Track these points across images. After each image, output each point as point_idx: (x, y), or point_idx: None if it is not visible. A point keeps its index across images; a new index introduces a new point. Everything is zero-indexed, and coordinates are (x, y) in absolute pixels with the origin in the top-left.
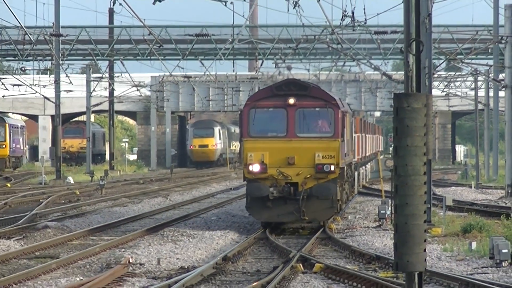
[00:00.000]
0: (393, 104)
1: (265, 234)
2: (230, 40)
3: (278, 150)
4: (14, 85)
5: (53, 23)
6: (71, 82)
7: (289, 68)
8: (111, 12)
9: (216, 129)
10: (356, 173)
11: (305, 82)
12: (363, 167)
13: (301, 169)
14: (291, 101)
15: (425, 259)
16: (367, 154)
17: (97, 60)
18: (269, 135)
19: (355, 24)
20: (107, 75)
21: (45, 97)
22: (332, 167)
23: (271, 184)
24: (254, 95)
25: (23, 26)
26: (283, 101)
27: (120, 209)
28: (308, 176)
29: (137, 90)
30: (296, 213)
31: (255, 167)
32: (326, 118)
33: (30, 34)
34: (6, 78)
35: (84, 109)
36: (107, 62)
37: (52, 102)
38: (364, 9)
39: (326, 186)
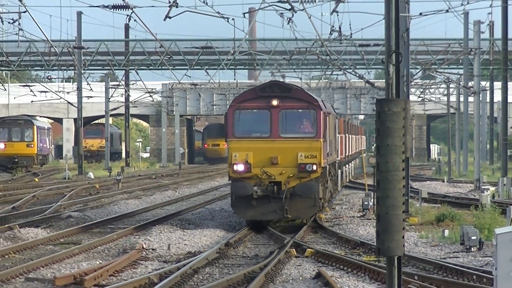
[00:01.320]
0: (375, 108)
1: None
2: (232, 52)
3: (262, 150)
4: (41, 91)
5: (75, 37)
6: (91, 89)
7: (283, 77)
8: (127, 27)
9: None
10: (339, 171)
11: (288, 84)
12: (347, 165)
13: (284, 168)
14: (275, 102)
15: (404, 245)
16: (351, 153)
17: (115, 69)
18: (253, 135)
19: (342, 37)
20: (123, 83)
21: (69, 102)
22: (314, 167)
23: (255, 183)
24: (239, 96)
25: (49, 39)
26: (267, 103)
27: (135, 201)
28: (291, 175)
29: (150, 96)
30: (280, 211)
31: (240, 167)
32: (308, 119)
33: (55, 47)
34: (34, 85)
35: (103, 113)
36: (123, 71)
37: (75, 106)
38: (349, 24)
39: (308, 185)
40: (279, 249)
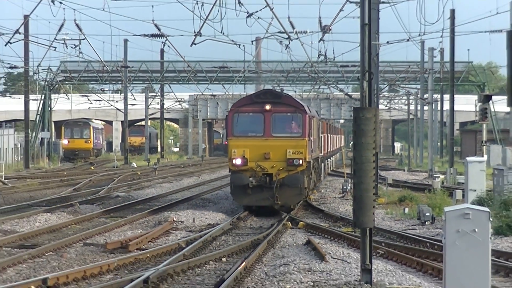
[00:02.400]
0: (352, 115)
1: None
2: (242, 71)
3: (257, 147)
4: (96, 100)
5: (123, 59)
6: (134, 99)
7: (282, 90)
8: (162, 51)
9: None
10: (322, 164)
11: (279, 92)
12: (329, 159)
13: (275, 162)
14: (267, 107)
15: (374, 219)
16: (332, 149)
17: (152, 84)
18: (249, 135)
19: (327, 60)
20: (159, 94)
21: (117, 109)
22: (301, 161)
23: (251, 174)
24: (237, 102)
25: (102, 60)
26: (261, 107)
27: (168, 184)
28: (281, 168)
29: (179, 104)
30: (271, 198)
31: (238, 161)
32: (296, 121)
33: (107, 66)
34: (90, 95)
35: (143, 117)
36: (159, 85)
37: (122, 112)
38: (333, 50)
39: (295, 177)
40: (278, 222)
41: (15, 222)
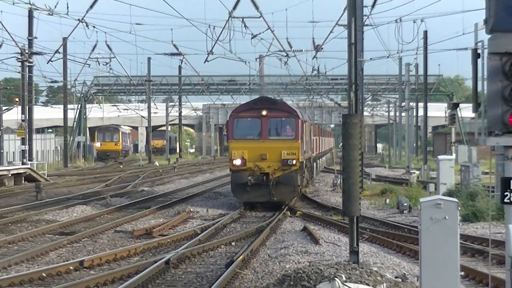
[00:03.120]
0: (341, 120)
1: None
2: (248, 83)
3: (254, 149)
4: (124, 109)
5: (146, 74)
6: (156, 107)
7: (281, 100)
8: (180, 67)
9: None
10: (314, 163)
11: (274, 99)
12: (320, 159)
13: (271, 163)
14: (264, 112)
15: (360, 209)
16: (324, 150)
17: (172, 95)
18: (248, 137)
19: (319, 74)
20: (177, 103)
21: (142, 116)
22: (294, 161)
23: (249, 174)
24: (237, 108)
25: (129, 75)
26: (258, 113)
27: (185, 180)
28: (277, 168)
29: (195, 112)
30: (268, 195)
31: (237, 161)
32: (289, 125)
33: (134, 80)
34: (119, 105)
35: (164, 123)
36: (178, 96)
37: (146, 119)
38: (325, 65)
39: (289, 176)
40: (279, 212)
41: (56, 213)
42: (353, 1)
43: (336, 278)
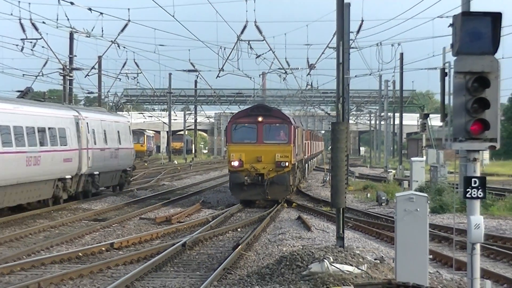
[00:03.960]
0: (331, 127)
1: None
2: (252, 96)
3: (251, 152)
4: (148, 116)
5: (167, 87)
6: (176, 115)
7: (276, 108)
8: (196, 82)
9: None
10: (306, 164)
11: (270, 107)
12: (312, 160)
13: (266, 164)
14: (260, 119)
15: (345, 202)
16: (315, 152)
17: (188, 104)
18: (245, 141)
19: (313, 88)
20: (193, 112)
21: (164, 122)
22: (287, 163)
23: (246, 174)
24: (235, 115)
25: (153, 88)
26: (254, 119)
27: (199, 176)
28: (271, 169)
29: (208, 119)
30: (263, 194)
31: (235, 163)
32: (283, 130)
33: (157, 92)
34: (145, 113)
35: (182, 128)
36: (194, 106)
37: (166, 124)
38: (317, 81)
39: (282, 176)
40: (277, 204)
41: (91, 203)
42: (341, 27)
43: (325, 259)
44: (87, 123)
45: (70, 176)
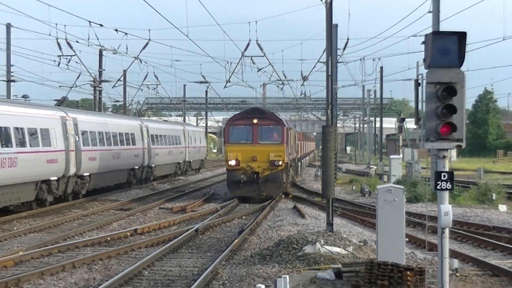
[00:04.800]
0: (322, 129)
1: None
2: (255, 103)
3: (247, 151)
4: (164, 120)
5: (182, 96)
6: (189, 120)
7: (270, 111)
8: (206, 92)
9: None
10: (299, 163)
11: (264, 110)
12: (304, 158)
13: (261, 163)
14: (255, 121)
15: (334, 193)
16: (307, 151)
17: (200, 111)
18: (241, 142)
19: (306, 97)
20: (204, 117)
21: None
22: (280, 162)
23: (242, 172)
24: (232, 117)
25: (170, 97)
26: (250, 121)
27: (209, 172)
28: (265, 168)
29: (217, 123)
30: (258, 191)
31: (232, 162)
32: (276, 132)
33: (173, 100)
34: (163, 118)
35: None
36: (205, 112)
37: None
38: (309, 90)
39: (276, 174)
40: (275, 196)
41: (118, 195)
42: (330, 45)
43: (316, 242)
44: (75, 124)
45: (55, 178)
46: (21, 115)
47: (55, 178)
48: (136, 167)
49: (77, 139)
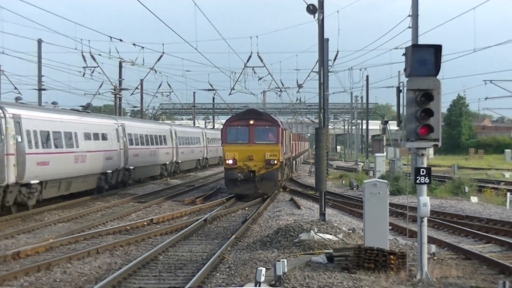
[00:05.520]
0: (315, 131)
1: None
2: (257, 108)
3: (243, 151)
4: (178, 124)
5: (192, 102)
6: (199, 123)
7: (265, 112)
8: (213, 98)
9: None
10: (294, 161)
11: (260, 111)
12: (299, 157)
13: (257, 162)
14: (251, 122)
15: (326, 187)
16: (302, 150)
17: (208, 115)
18: (238, 142)
19: (301, 102)
20: (212, 120)
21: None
22: (275, 161)
23: (239, 171)
24: (229, 118)
25: (181, 103)
26: (247, 122)
27: (216, 168)
28: (261, 167)
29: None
30: (254, 188)
31: (230, 161)
32: (272, 132)
33: (184, 106)
34: (175, 121)
35: None
36: (212, 116)
37: None
38: (304, 97)
39: (272, 173)
40: (274, 190)
41: (136, 189)
42: (322, 57)
43: (311, 230)
44: (123, 128)
45: (111, 171)
46: (91, 124)
47: (111, 171)
48: (167, 163)
49: (125, 140)
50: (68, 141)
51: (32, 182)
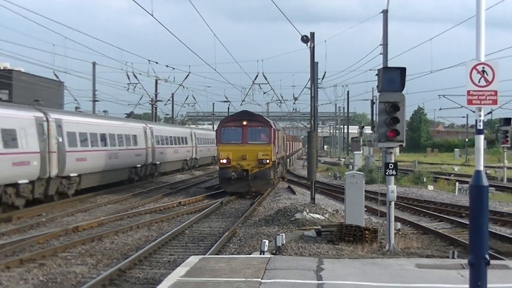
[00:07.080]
0: (307, 134)
1: None
2: None
3: (237, 151)
4: (200, 128)
5: (212, 110)
6: (206, 126)
7: (258, 114)
8: (228, 107)
9: None
10: (288, 160)
11: (253, 112)
12: (292, 156)
13: (250, 162)
14: (245, 123)
15: (315, 177)
16: (295, 149)
17: (212, 120)
18: (232, 142)
19: (297, 111)
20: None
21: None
22: (268, 161)
23: (233, 170)
24: (224, 119)
25: (203, 112)
26: (240, 123)
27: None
28: (254, 166)
29: None
30: (247, 187)
31: (224, 161)
32: (264, 133)
33: (206, 114)
34: (197, 127)
35: None
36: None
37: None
38: (299, 107)
39: (264, 172)
40: (273, 182)
41: (167, 178)
42: (313, 76)
43: (304, 211)
44: (151, 131)
45: (140, 165)
46: (122, 127)
47: (140, 165)
48: (188, 159)
49: (153, 141)
50: (103, 141)
51: (71, 175)
